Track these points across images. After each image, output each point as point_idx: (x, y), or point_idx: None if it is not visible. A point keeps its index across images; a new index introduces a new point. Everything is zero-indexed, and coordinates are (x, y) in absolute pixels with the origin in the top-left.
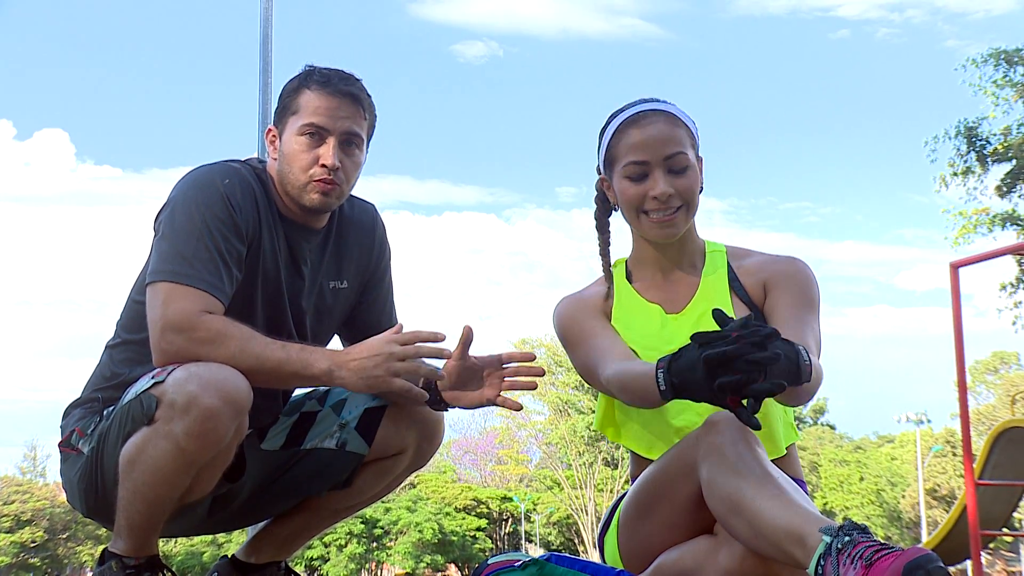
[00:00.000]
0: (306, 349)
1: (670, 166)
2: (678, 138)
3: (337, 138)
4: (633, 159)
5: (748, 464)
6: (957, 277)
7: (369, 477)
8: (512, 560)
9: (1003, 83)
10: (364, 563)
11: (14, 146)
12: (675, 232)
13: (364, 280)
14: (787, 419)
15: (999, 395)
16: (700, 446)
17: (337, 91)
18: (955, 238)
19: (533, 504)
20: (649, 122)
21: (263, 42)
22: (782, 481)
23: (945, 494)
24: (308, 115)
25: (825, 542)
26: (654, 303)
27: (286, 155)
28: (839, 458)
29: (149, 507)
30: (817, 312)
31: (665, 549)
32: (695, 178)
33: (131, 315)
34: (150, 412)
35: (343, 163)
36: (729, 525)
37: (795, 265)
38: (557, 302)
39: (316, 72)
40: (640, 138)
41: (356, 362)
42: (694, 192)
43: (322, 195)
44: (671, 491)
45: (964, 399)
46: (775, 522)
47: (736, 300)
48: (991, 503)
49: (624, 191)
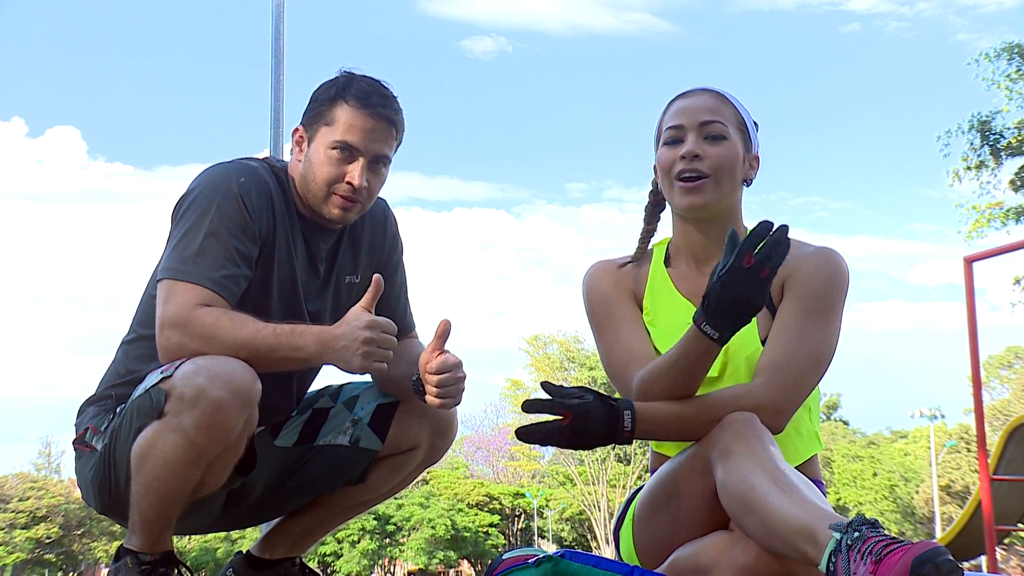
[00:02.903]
0: (295, 332)
1: (705, 133)
2: (719, 110)
3: (367, 159)
4: (671, 124)
5: (762, 462)
6: (971, 272)
7: (383, 473)
8: (526, 556)
9: (1017, 77)
10: (377, 559)
11: (26, 143)
12: (702, 201)
13: (377, 273)
14: (811, 428)
15: (1013, 390)
16: (715, 445)
17: (375, 113)
18: (968, 232)
19: (546, 500)
20: (694, 94)
21: (275, 40)
22: (795, 479)
23: (959, 490)
24: (342, 132)
25: (835, 539)
26: (684, 296)
27: (313, 164)
28: (852, 454)
29: (161, 501)
30: (830, 316)
31: (680, 544)
32: (732, 152)
33: (146, 310)
34: (159, 406)
35: (369, 182)
36: (743, 524)
37: (816, 261)
38: (590, 267)
39: (355, 84)
40: (681, 106)
41: (339, 347)
42: (726, 165)
43: (342, 211)
44: (687, 488)
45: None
46: (787, 520)
47: None
48: (1006, 498)
49: (660, 158)
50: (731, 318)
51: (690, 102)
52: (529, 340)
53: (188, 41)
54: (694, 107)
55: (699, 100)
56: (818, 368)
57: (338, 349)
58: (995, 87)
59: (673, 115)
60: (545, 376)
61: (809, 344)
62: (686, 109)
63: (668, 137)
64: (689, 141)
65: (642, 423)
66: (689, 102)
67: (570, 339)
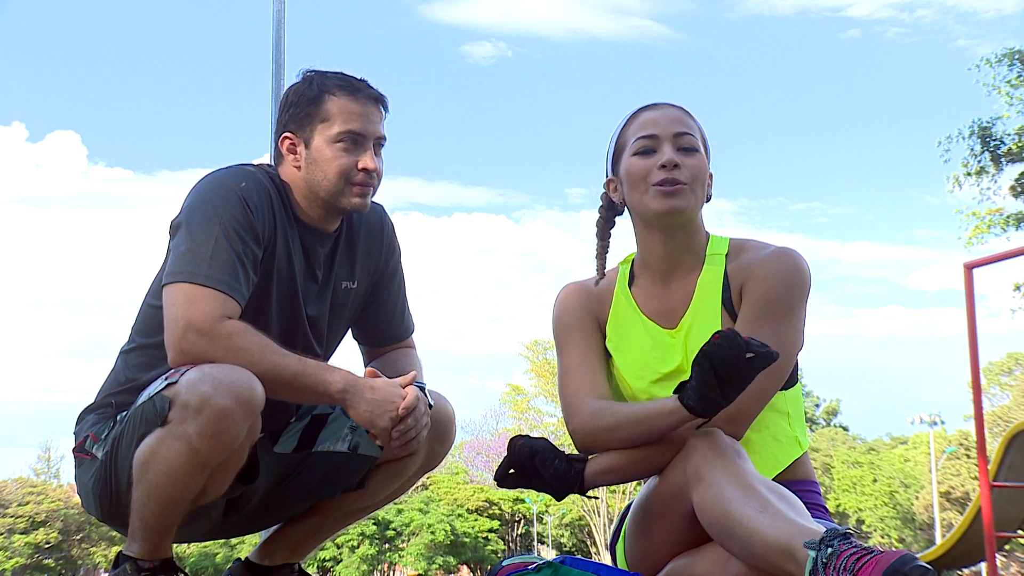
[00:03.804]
0: (322, 366)
1: (679, 144)
2: (689, 123)
3: (373, 143)
4: (642, 134)
5: (734, 481)
6: (971, 278)
7: (382, 479)
8: (526, 563)
9: (1018, 83)
10: (376, 564)
11: (26, 148)
12: (682, 205)
13: (374, 279)
14: (790, 433)
15: (1014, 396)
16: (686, 470)
17: (366, 96)
18: (968, 238)
19: (545, 506)
20: (661, 107)
21: (276, 44)
22: (769, 494)
23: (959, 496)
24: (344, 122)
25: (812, 557)
26: (648, 317)
27: (320, 162)
28: (852, 459)
29: (163, 508)
30: (788, 318)
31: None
32: (704, 165)
33: (146, 320)
34: (163, 413)
35: (378, 165)
36: (726, 547)
37: (771, 264)
38: (562, 288)
39: (331, 77)
40: (650, 118)
41: (370, 400)
42: (701, 175)
43: (362, 198)
44: (668, 512)
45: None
46: (765, 540)
47: (724, 314)
48: (1006, 505)
49: (631, 167)
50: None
51: (660, 113)
52: (529, 346)
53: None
54: (666, 118)
55: (668, 112)
56: (777, 372)
57: (368, 399)
58: (996, 93)
59: (643, 125)
60: (545, 380)
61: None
62: (658, 120)
63: (640, 147)
64: (666, 150)
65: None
66: (659, 113)
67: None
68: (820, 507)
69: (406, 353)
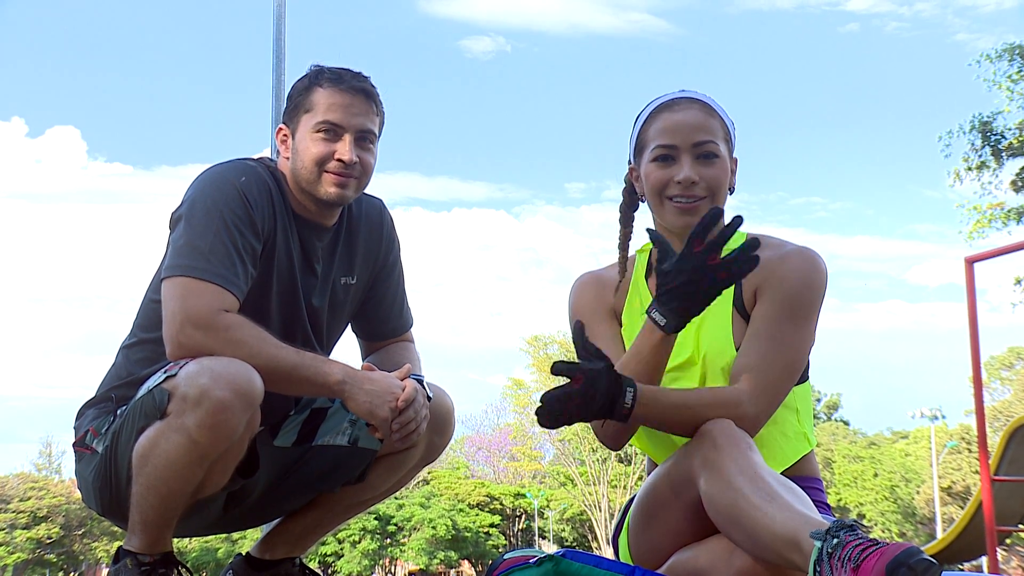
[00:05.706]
0: (319, 359)
1: (698, 153)
2: (710, 127)
3: (352, 135)
4: (661, 142)
5: (743, 472)
6: (972, 272)
7: (382, 472)
8: (528, 556)
9: (1018, 78)
10: (378, 559)
11: (26, 143)
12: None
13: (373, 274)
14: (799, 429)
15: (1015, 391)
16: (695, 458)
17: (351, 88)
18: (969, 233)
19: (546, 500)
20: (682, 108)
21: (276, 40)
22: (777, 486)
23: (960, 490)
24: (323, 112)
25: (817, 547)
26: None
27: (300, 152)
28: (853, 454)
29: (162, 502)
30: (806, 320)
31: (673, 553)
32: (724, 170)
33: (147, 314)
34: (162, 406)
35: (360, 158)
36: (730, 535)
37: (793, 264)
38: (577, 278)
39: (326, 71)
40: (671, 122)
41: (369, 392)
42: (720, 184)
43: (338, 187)
44: (674, 500)
45: (979, 395)
46: (772, 530)
47: (735, 313)
48: (1007, 499)
49: (649, 175)
50: (679, 303)
51: (680, 118)
52: (530, 341)
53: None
54: (686, 125)
55: (689, 116)
56: (793, 373)
57: (367, 390)
58: (996, 88)
59: (663, 132)
60: (547, 376)
61: (785, 349)
62: (678, 128)
63: (659, 154)
64: (685, 166)
65: (642, 405)
66: (679, 118)
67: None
68: (824, 504)
69: (404, 347)
